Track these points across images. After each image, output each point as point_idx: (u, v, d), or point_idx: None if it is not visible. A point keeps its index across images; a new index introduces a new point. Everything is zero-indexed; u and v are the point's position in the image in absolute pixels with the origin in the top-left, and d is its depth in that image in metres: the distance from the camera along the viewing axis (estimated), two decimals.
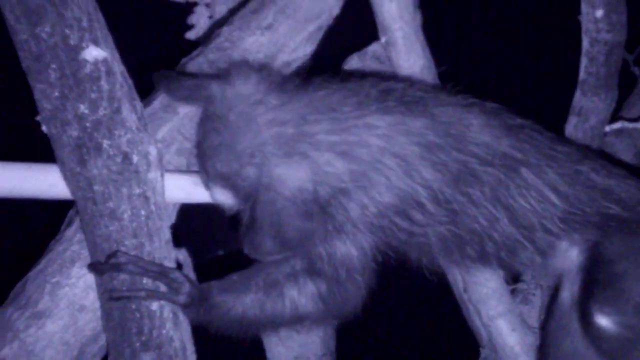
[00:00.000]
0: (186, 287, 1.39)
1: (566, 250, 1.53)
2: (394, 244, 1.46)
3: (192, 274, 1.48)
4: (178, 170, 1.53)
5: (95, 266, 1.38)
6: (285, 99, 1.41)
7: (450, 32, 2.50)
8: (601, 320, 1.43)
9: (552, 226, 1.48)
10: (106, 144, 1.35)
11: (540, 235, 1.49)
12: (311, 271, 1.44)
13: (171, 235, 1.46)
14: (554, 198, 1.47)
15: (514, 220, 1.47)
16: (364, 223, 1.41)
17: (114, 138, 1.35)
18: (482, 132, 1.45)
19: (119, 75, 1.36)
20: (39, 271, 1.46)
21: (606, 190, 1.51)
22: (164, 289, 1.38)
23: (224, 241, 2.14)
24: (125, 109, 1.36)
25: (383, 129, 1.40)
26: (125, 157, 1.36)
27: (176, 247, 1.48)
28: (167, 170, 1.49)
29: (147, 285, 1.38)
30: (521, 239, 1.48)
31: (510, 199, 1.45)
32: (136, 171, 1.37)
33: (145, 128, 1.39)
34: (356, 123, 1.40)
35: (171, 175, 1.49)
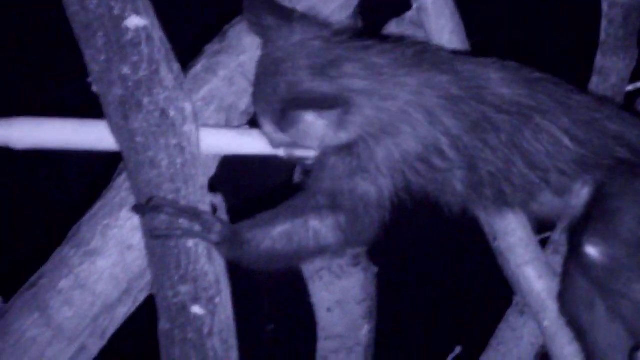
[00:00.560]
0: (217, 227, 1.49)
1: (579, 191, 1.62)
2: (413, 189, 1.56)
3: (225, 216, 1.58)
4: (217, 125, 1.62)
5: (138, 208, 1.49)
6: (331, 48, 1.51)
7: None
8: (589, 249, 1.51)
9: (566, 168, 1.57)
10: (146, 101, 1.44)
11: (554, 177, 1.58)
12: (333, 205, 1.53)
13: (207, 182, 1.55)
14: (567, 142, 1.56)
15: (529, 162, 1.56)
16: (387, 167, 1.51)
17: (153, 95, 1.44)
18: (500, 85, 1.56)
19: (157, 40, 1.45)
20: (92, 215, 1.58)
21: (618, 136, 1.59)
22: (198, 228, 1.48)
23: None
24: (163, 70, 1.45)
25: (413, 86, 1.51)
26: (163, 113, 1.45)
27: (213, 193, 1.57)
28: (206, 125, 1.58)
29: (184, 225, 1.47)
30: (536, 180, 1.58)
31: (525, 143, 1.55)
32: (172, 124, 1.46)
33: (181, 87, 1.48)
34: (390, 79, 1.50)
35: (210, 129, 1.58)
